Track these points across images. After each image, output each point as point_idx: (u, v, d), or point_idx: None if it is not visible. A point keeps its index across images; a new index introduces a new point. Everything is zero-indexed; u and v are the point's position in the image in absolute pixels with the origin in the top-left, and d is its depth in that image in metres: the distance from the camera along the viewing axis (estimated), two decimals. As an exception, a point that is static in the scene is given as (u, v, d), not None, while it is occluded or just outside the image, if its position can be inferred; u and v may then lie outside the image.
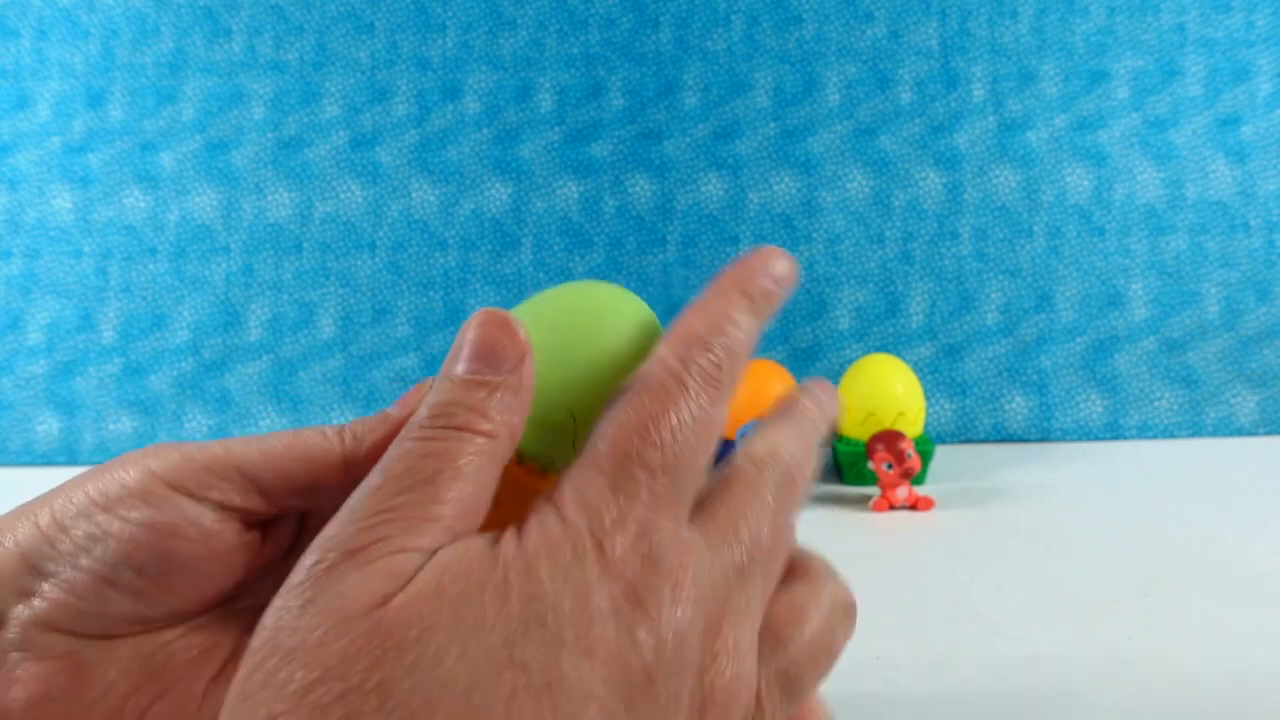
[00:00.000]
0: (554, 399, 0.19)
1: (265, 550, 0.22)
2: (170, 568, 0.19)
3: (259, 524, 0.21)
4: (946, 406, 0.79)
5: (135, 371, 0.79)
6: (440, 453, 0.17)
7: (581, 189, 0.83)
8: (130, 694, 0.19)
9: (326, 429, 0.21)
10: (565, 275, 0.81)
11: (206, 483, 0.20)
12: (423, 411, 0.18)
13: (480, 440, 0.17)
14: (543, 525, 0.16)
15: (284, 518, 0.22)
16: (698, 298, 0.20)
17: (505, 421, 0.18)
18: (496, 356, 0.18)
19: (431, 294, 0.81)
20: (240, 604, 0.21)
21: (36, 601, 0.18)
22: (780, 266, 0.21)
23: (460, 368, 0.18)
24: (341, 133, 0.83)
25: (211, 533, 0.20)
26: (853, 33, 0.84)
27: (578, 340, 0.20)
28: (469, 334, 0.19)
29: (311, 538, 0.20)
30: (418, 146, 0.83)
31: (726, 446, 0.64)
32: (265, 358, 0.80)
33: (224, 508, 0.20)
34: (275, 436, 0.21)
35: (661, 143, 0.83)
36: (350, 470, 0.21)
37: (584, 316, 0.20)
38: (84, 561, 0.19)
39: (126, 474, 0.20)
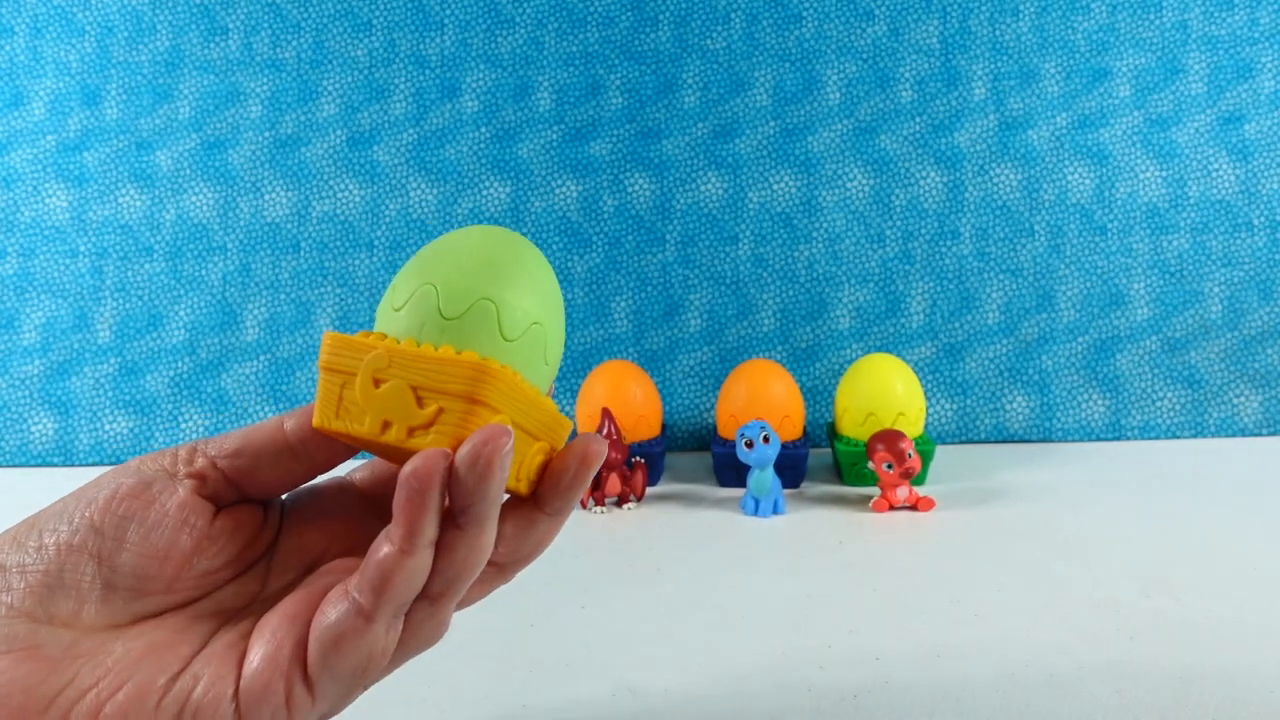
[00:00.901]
0: (476, 293, 0.24)
1: (224, 527, 0.23)
2: (128, 526, 0.22)
3: (220, 506, 0.24)
4: (947, 406, 0.78)
5: (131, 371, 0.79)
6: None
7: (580, 188, 0.82)
8: (89, 688, 0.19)
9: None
10: (564, 274, 0.81)
11: (160, 458, 0.23)
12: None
13: None
14: None
15: (249, 512, 0.24)
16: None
17: None
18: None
19: (429, 293, 0.81)
20: (206, 606, 0.23)
21: (4, 596, 0.20)
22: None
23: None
24: (339, 131, 0.83)
25: (163, 489, 0.22)
26: (853, 31, 0.84)
27: (486, 254, 0.25)
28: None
29: (288, 535, 0.25)
30: (415, 145, 0.83)
31: (727, 446, 0.64)
32: (262, 358, 0.79)
33: (172, 475, 0.23)
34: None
35: (660, 141, 0.83)
36: (284, 428, 0.24)
37: (490, 243, 0.25)
38: (48, 540, 0.21)
39: (101, 478, 0.23)
